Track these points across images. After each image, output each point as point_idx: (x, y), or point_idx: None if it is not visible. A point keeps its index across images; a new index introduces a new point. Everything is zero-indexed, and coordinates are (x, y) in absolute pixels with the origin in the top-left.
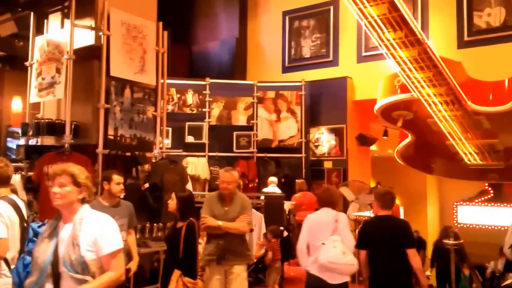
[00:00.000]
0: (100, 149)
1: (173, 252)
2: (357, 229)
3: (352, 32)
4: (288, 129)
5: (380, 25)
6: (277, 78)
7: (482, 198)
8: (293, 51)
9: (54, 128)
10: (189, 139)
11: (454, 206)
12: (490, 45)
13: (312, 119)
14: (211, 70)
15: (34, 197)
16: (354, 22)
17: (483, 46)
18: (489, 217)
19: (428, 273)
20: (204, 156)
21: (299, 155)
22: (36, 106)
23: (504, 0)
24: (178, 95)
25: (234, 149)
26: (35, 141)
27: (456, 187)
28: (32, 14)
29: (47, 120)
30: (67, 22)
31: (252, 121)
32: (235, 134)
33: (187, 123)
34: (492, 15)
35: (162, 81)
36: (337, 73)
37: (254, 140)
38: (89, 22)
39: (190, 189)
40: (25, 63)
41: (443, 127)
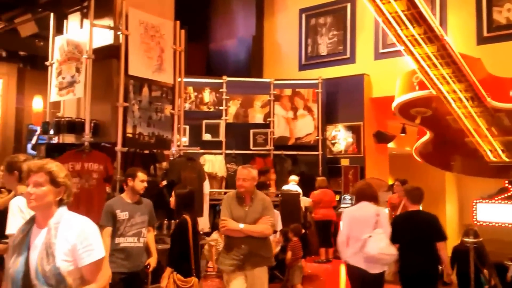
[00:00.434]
0: (119, 147)
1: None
2: None
3: (370, 29)
4: (305, 126)
5: (398, 22)
6: (294, 76)
7: (502, 196)
8: (309, 49)
9: (74, 126)
10: (206, 137)
11: (474, 203)
12: (510, 41)
13: (329, 116)
14: (228, 68)
15: None
16: (371, 19)
17: (503, 42)
18: (509, 215)
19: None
20: (221, 153)
21: (315, 153)
22: (56, 105)
23: None
24: (195, 93)
25: (251, 147)
26: (56, 140)
27: (475, 184)
28: (52, 14)
29: (67, 119)
30: (86, 22)
31: (268, 119)
32: (251, 131)
33: (204, 121)
34: None
35: (179, 79)
36: (354, 70)
37: (271, 138)
38: (108, 22)
39: (207, 186)
40: (45, 62)
41: (469, 124)
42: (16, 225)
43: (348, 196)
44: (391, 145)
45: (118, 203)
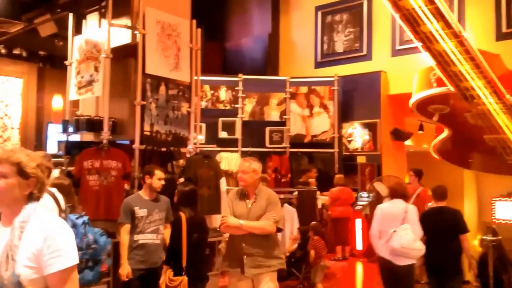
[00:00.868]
0: (136, 145)
1: None
2: None
3: (386, 25)
4: (321, 124)
5: (416, 18)
6: (310, 74)
7: None
8: (325, 46)
9: (93, 124)
10: (223, 134)
11: (492, 201)
12: None
13: (345, 114)
14: (244, 67)
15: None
16: (388, 16)
17: None
18: None
19: None
20: (237, 151)
21: (331, 150)
22: (75, 104)
23: None
24: (212, 92)
25: (267, 144)
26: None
27: (494, 182)
28: (71, 14)
29: (86, 117)
30: (104, 22)
31: (284, 117)
32: (267, 129)
33: (220, 119)
34: None
35: (196, 78)
36: (371, 67)
37: (287, 135)
38: (125, 21)
39: (224, 184)
40: (64, 62)
41: (500, 120)
42: None
43: (365, 194)
44: (408, 142)
45: (136, 200)
